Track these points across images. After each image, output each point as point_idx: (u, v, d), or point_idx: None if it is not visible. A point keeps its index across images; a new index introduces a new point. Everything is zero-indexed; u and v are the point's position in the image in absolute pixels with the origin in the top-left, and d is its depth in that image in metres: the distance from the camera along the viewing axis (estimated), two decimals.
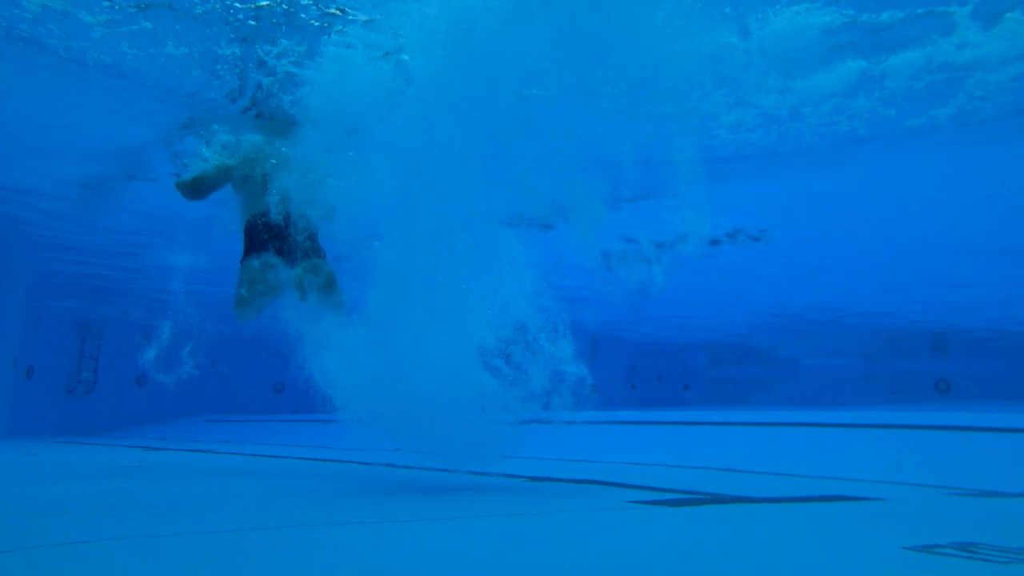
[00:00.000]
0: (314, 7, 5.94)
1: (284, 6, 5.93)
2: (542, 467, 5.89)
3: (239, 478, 5.06)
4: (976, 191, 9.95)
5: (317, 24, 6.10)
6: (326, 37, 6.16)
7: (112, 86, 7.09)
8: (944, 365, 21.34)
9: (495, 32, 3.72)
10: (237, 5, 5.89)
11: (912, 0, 5.77)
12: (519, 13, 3.72)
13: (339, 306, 5.11)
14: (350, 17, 6.00)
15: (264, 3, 5.89)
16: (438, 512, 3.05)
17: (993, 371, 20.06)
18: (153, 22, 6.07)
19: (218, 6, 5.90)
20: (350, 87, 5.55)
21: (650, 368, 27.55)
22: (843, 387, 22.80)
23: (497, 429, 3.93)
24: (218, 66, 6.70)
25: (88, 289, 16.54)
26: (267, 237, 5.27)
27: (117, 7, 5.87)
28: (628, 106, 4.84)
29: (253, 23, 6.08)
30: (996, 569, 1.87)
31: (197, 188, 5.57)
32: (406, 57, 6.00)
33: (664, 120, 4.62)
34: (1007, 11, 5.77)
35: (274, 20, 6.10)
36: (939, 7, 5.80)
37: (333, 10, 5.92)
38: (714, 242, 12.07)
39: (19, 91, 7.38)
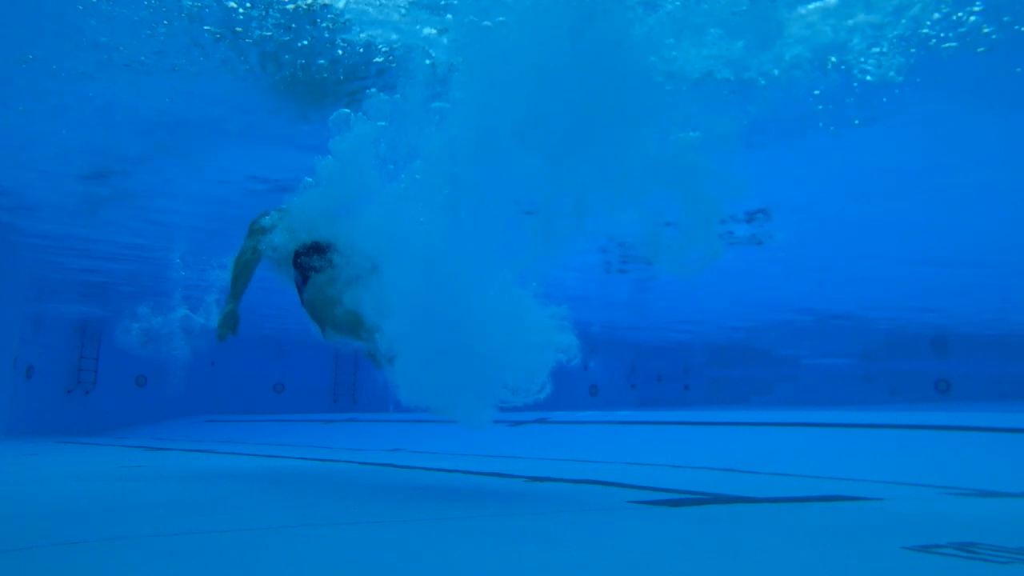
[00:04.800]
0: None
1: None
2: (542, 467, 5.89)
3: (239, 478, 5.06)
4: (977, 187, 9.95)
5: None
6: None
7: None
8: (944, 365, 21.36)
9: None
10: None
11: None
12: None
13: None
14: None
15: None
16: (437, 512, 3.05)
17: (993, 371, 20.07)
18: None
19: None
20: None
21: (650, 368, 27.58)
22: (843, 387, 22.82)
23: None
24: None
25: (88, 289, 16.52)
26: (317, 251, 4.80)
27: None
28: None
29: None
30: (996, 569, 1.87)
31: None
32: None
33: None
34: None
35: None
36: None
37: None
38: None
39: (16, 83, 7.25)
